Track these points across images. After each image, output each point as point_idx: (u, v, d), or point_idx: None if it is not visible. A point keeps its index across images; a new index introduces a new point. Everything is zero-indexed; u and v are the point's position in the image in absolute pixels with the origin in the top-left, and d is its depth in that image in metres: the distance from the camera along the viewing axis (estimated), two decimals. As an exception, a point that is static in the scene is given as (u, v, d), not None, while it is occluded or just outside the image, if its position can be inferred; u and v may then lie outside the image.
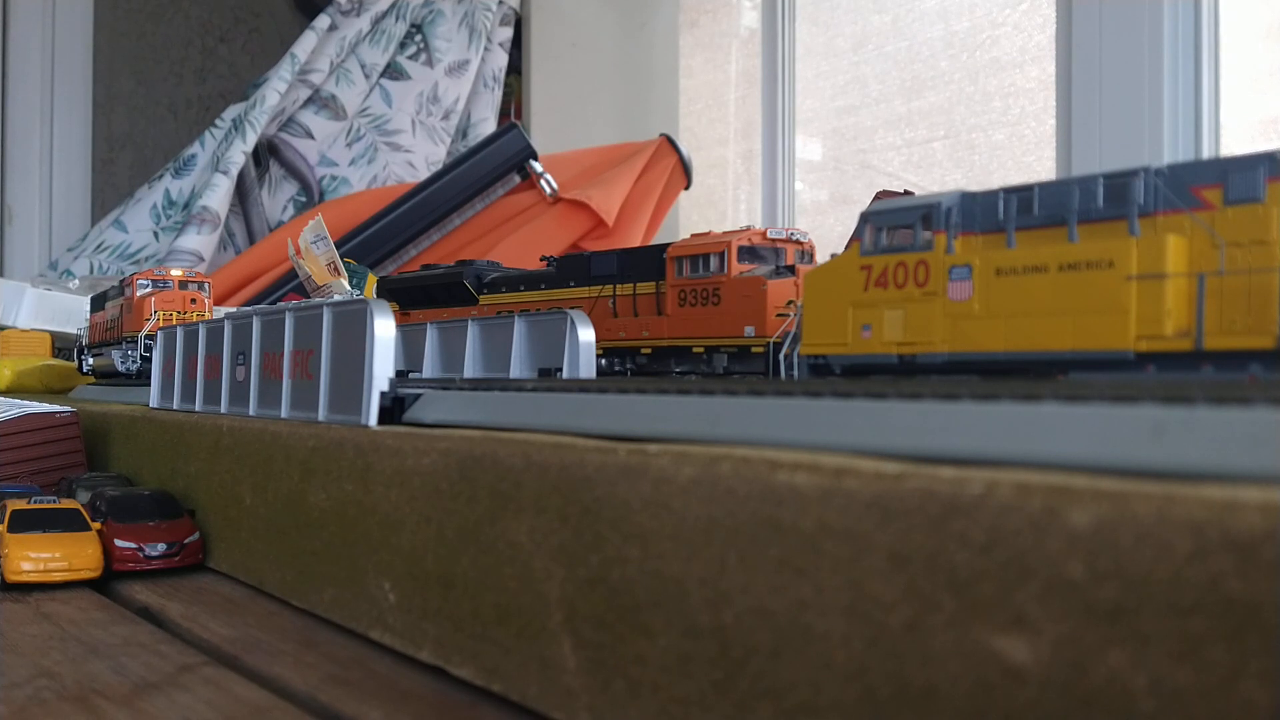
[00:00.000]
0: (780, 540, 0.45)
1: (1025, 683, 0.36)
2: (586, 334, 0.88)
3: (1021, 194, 0.65)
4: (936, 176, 2.33)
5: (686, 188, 2.66)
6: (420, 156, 2.91)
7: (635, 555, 0.52)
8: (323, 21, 2.82)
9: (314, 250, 1.41)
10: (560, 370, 0.88)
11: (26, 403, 1.32)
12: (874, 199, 0.81)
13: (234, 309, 1.66)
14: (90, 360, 1.86)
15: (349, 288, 1.38)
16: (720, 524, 0.47)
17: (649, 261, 1.19)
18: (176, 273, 1.57)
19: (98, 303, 1.84)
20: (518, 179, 2.58)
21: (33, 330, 2.18)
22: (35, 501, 0.95)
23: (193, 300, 1.52)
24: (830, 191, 2.69)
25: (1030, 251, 0.63)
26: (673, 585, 0.49)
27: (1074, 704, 0.35)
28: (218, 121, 2.76)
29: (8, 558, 0.88)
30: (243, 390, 1.01)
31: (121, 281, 1.64)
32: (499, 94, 3.05)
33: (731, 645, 0.47)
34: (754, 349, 1.05)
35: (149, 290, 1.52)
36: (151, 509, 0.98)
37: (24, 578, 0.87)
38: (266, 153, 2.81)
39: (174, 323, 1.38)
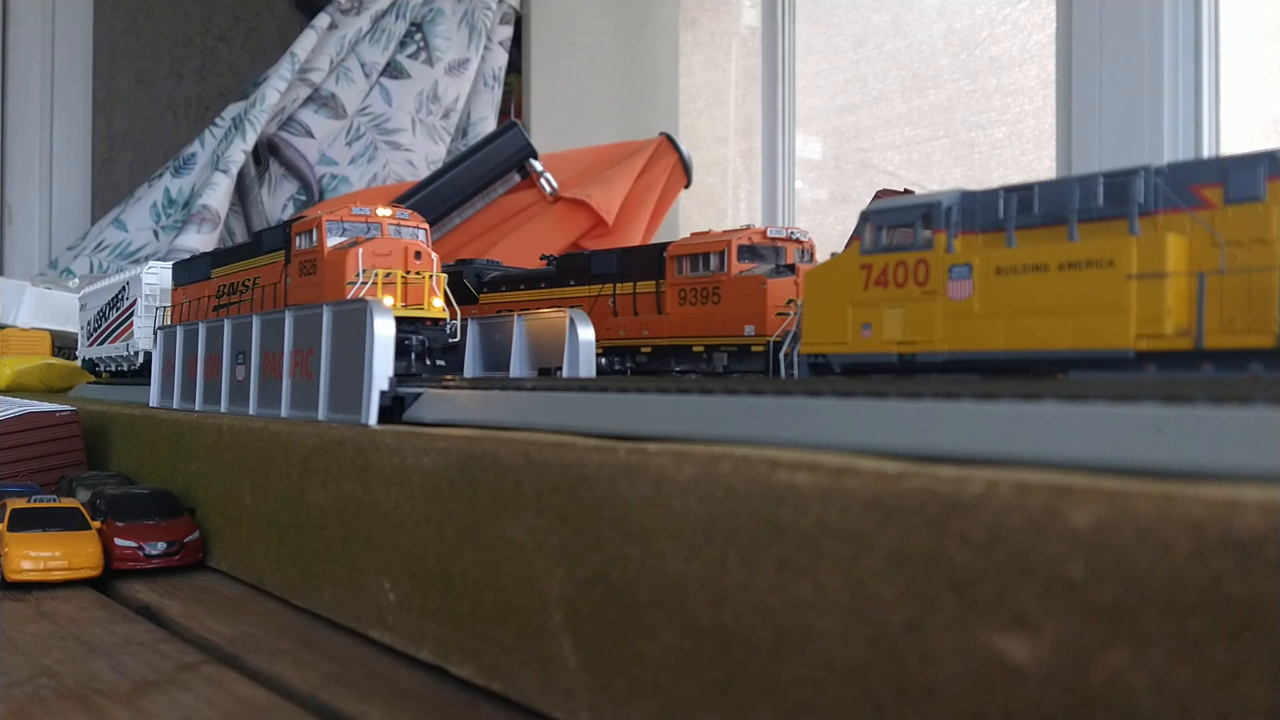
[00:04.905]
0: (780, 540, 0.45)
1: (1025, 682, 0.36)
2: (586, 333, 0.88)
3: (1021, 193, 0.65)
4: (936, 175, 2.32)
5: (686, 186, 2.66)
6: (420, 155, 2.90)
7: (635, 554, 0.51)
8: (323, 20, 2.81)
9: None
10: (560, 369, 0.88)
11: (26, 401, 1.32)
12: (874, 198, 0.81)
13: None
14: None
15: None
16: (720, 523, 0.47)
17: (649, 260, 1.19)
18: (385, 211, 0.99)
19: (190, 271, 1.31)
20: (518, 177, 2.58)
21: (33, 329, 2.18)
22: (35, 500, 0.95)
23: (417, 254, 0.95)
24: (830, 190, 2.68)
25: (1030, 250, 0.63)
26: (673, 584, 0.49)
27: (1074, 703, 0.35)
28: (218, 120, 2.76)
29: (8, 556, 0.88)
30: (242, 389, 1.01)
31: (285, 226, 1.07)
32: (499, 93, 3.04)
33: (732, 644, 0.46)
34: (754, 348, 1.05)
35: (348, 240, 0.97)
36: (151, 508, 0.98)
37: (24, 576, 0.87)
38: (266, 151, 2.81)
39: (395, 286, 0.92)
